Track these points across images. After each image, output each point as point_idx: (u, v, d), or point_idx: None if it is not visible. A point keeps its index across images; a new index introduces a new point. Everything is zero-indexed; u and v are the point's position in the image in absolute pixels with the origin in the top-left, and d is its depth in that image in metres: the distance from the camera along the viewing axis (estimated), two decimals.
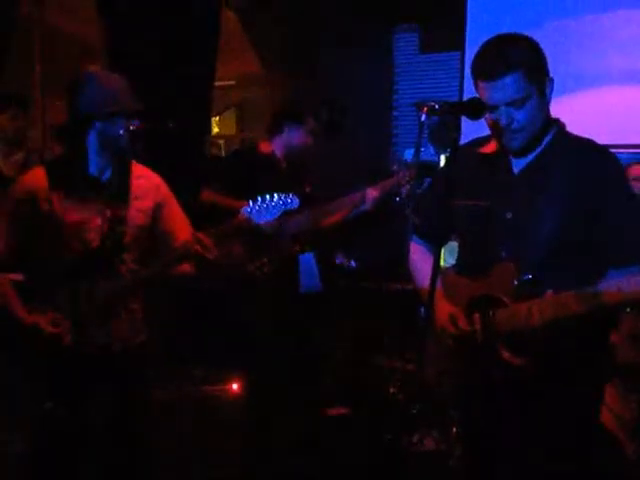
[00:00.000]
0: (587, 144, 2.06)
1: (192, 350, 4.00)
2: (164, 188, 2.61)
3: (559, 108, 4.85)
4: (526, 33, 2.05)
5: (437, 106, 1.81)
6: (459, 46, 4.79)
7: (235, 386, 3.65)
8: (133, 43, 4.25)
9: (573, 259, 1.97)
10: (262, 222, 2.41)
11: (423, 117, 1.80)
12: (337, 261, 4.65)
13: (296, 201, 2.42)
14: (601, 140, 4.86)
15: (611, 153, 2.06)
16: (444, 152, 4.53)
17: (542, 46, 2.04)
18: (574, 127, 2.02)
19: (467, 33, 4.65)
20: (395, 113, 5.49)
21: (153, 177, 2.61)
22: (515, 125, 1.98)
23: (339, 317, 4.49)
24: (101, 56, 4.33)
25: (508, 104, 1.95)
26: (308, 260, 3.75)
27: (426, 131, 4.51)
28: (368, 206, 3.58)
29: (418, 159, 3.45)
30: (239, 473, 3.40)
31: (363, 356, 4.51)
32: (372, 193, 3.56)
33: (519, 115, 1.96)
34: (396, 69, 5.48)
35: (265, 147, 3.69)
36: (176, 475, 3.27)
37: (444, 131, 4.36)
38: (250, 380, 3.58)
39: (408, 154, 5.10)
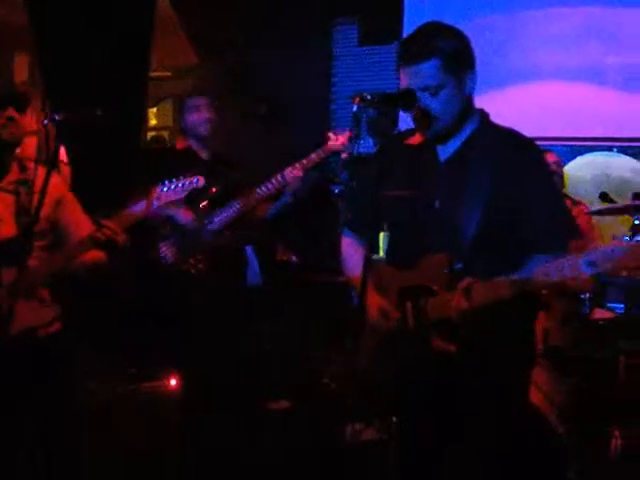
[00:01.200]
0: (511, 134, 2.10)
1: (128, 348, 3.94)
2: (66, 182, 2.64)
3: (490, 101, 4.95)
4: (460, 27, 2.07)
5: (369, 97, 1.81)
6: (397, 38, 4.83)
7: (173, 382, 3.60)
8: (63, 32, 4.14)
9: (500, 246, 2.00)
10: (168, 200, 2.44)
11: (355, 108, 1.80)
12: (278, 256, 4.63)
13: (200, 180, 2.46)
14: (530, 133, 4.99)
15: (534, 143, 2.11)
16: None
17: (474, 40, 2.07)
18: (504, 120, 2.06)
19: (404, 26, 4.69)
20: (333, 106, 5.49)
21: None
22: (430, 112, 1.99)
23: (281, 311, 4.47)
24: (29, 44, 4.20)
25: (423, 90, 1.97)
26: (248, 254, 3.72)
27: (364, 123, 4.53)
28: (293, 187, 3.47)
29: (353, 151, 3.45)
30: (177, 471, 3.35)
31: (305, 349, 4.51)
32: (292, 172, 3.45)
33: (433, 102, 1.98)
34: (335, 62, 5.48)
35: (180, 143, 3.60)
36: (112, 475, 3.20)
37: (383, 123, 4.39)
38: (187, 376, 3.52)
39: (346, 146, 5.11)
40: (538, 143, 2.12)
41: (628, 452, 3.12)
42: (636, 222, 3.37)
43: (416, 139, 2.16)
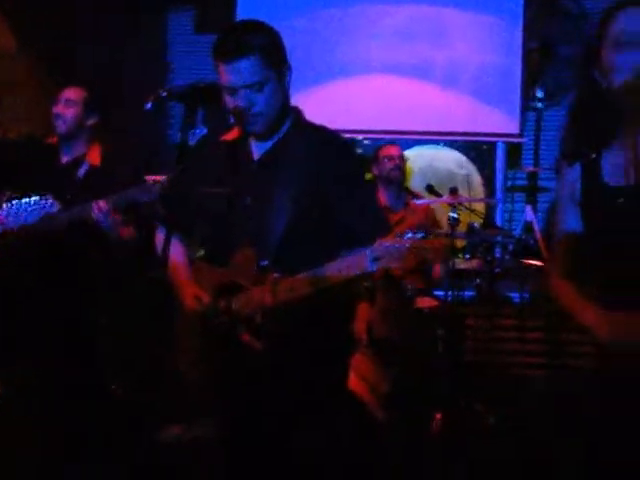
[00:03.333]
0: (323, 132, 2.13)
1: None
2: None
3: (325, 94, 5.00)
4: (295, 20, 2.07)
5: (164, 93, 1.76)
6: None
7: None
8: None
9: (311, 242, 2.02)
10: (17, 225, 2.24)
11: (148, 105, 1.74)
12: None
13: (55, 205, 2.25)
14: (359, 126, 5.10)
15: (346, 141, 2.15)
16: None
17: (309, 33, 2.07)
18: (334, 113, 2.08)
19: (238, 14, 4.64)
20: None
21: None
22: (255, 109, 1.99)
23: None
24: None
25: (247, 87, 1.96)
26: None
27: (201, 114, 4.45)
28: (101, 219, 2.84)
29: (182, 147, 3.34)
30: None
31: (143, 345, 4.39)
32: (98, 205, 2.84)
33: (259, 98, 1.98)
34: (170, 50, 5.33)
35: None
36: None
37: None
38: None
39: (189, 136, 5.00)
40: (368, 136, 2.16)
41: (447, 431, 3.32)
42: (453, 215, 3.56)
43: (231, 135, 2.15)
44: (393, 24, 4.82)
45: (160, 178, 2.77)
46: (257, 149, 2.10)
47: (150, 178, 2.87)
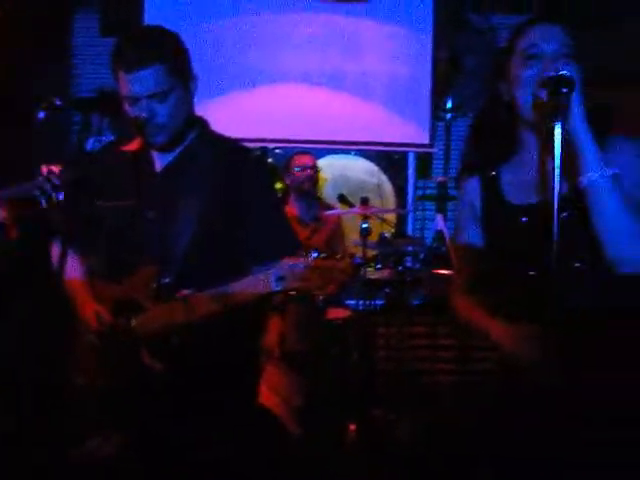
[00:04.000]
0: (230, 143, 2.08)
1: None
2: None
3: (236, 103, 4.93)
4: (204, 27, 2.00)
5: (58, 102, 1.67)
6: None
7: None
8: None
9: (217, 258, 1.97)
10: None
11: (41, 115, 1.65)
12: None
13: None
14: (276, 134, 5.05)
15: (252, 152, 2.10)
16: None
17: (220, 40, 2.01)
18: (247, 121, 2.01)
19: (145, 19, 4.51)
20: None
21: None
22: (158, 119, 1.92)
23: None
24: None
25: (150, 97, 1.88)
26: None
27: (106, 120, 4.30)
28: None
29: (77, 154, 3.20)
30: None
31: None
32: None
33: (162, 109, 1.91)
34: (75, 53, 5.14)
35: None
36: None
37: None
38: None
39: (90, 143, 4.82)
40: (280, 145, 2.13)
41: (362, 440, 3.32)
42: (364, 226, 3.57)
43: (133, 145, 2.07)
44: (305, 33, 4.81)
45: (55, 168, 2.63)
46: (160, 160, 2.03)
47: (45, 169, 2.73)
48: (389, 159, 5.21)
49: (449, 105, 5.12)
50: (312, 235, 3.92)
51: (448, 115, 5.12)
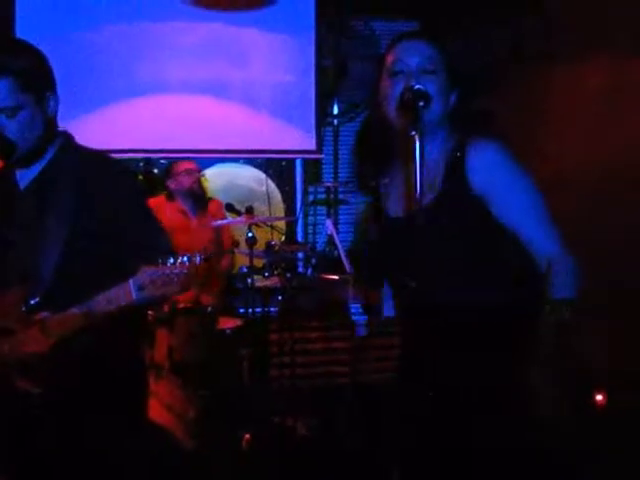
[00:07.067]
0: (96, 157, 2.03)
1: None
2: None
3: (118, 113, 4.82)
4: (81, 36, 1.94)
5: None
6: None
7: None
8: None
9: (86, 274, 1.91)
10: None
11: None
12: None
13: None
14: (162, 145, 4.97)
15: (122, 167, 2.08)
16: None
17: (99, 49, 1.95)
18: (133, 133, 1.96)
19: (17, 31, 4.33)
20: None
21: None
22: (9, 135, 1.85)
23: None
24: None
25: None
26: None
27: None
28: None
29: None
30: None
31: None
32: None
33: (11, 125, 1.84)
34: None
35: None
36: None
37: None
38: None
39: None
40: (166, 156, 2.09)
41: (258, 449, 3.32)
42: (249, 235, 3.59)
43: None
44: (189, 42, 4.76)
45: None
46: (22, 178, 1.96)
47: None
48: (277, 166, 5.25)
49: (336, 111, 5.21)
50: (198, 228, 4.00)
51: (335, 121, 5.21)
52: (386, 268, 1.86)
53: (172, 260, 1.71)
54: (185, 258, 1.71)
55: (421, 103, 1.66)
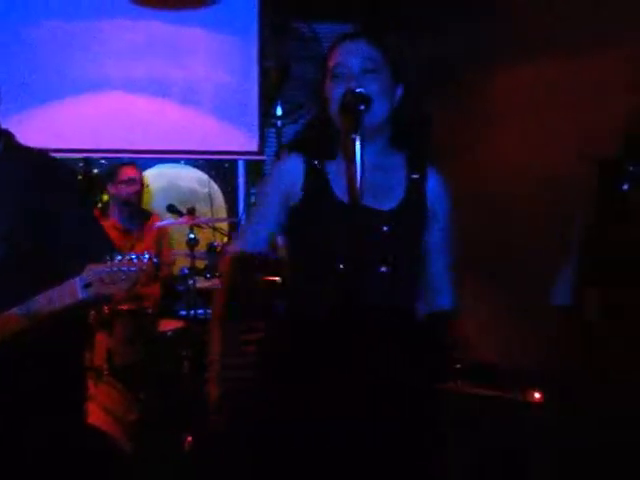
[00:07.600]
0: (36, 155, 2.02)
1: None
2: None
3: (56, 112, 4.73)
4: (17, 32, 1.89)
5: None
6: None
7: None
8: None
9: (28, 275, 1.90)
10: None
11: None
12: None
13: None
14: (101, 145, 4.89)
15: (63, 164, 2.07)
16: None
17: (36, 49, 1.92)
18: (72, 132, 1.92)
19: None
20: None
21: None
22: None
23: None
24: None
25: None
26: None
27: None
28: None
29: None
30: None
31: None
32: None
33: None
34: None
35: None
36: None
37: None
38: None
39: None
40: (106, 156, 2.07)
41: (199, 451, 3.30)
42: (191, 236, 3.57)
43: None
44: (130, 40, 4.69)
45: None
46: None
47: None
48: (219, 167, 5.21)
49: (279, 112, 5.21)
50: (136, 243, 3.88)
51: (279, 122, 5.21)
52: (316, 244, 1.82)
53: (119, 258, 1.70)
54: (133, 256, 1.71)
55: (362, 107, 1.68)
